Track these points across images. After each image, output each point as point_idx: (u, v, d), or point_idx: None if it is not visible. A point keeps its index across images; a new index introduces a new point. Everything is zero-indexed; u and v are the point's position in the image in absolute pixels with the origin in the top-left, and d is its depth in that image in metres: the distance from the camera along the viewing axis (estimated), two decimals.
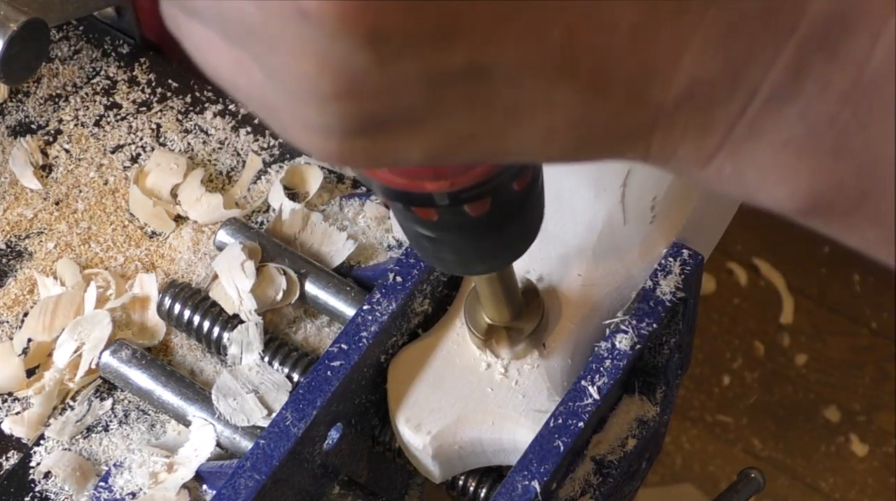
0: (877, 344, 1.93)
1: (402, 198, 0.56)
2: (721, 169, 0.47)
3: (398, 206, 0.59)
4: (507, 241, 0.66)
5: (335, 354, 0.80)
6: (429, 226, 0.62)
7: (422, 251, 0.66)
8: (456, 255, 0.65)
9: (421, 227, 0.62)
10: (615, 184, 0.81)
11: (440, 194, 0.56)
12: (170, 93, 1.01)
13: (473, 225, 0.61)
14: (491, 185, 0.56)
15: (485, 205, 0.58)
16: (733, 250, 1.98)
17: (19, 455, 0.87)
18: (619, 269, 0.82)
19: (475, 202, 0.58)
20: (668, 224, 0.82)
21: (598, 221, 0.82)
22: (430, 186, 0.55)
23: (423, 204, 0.57)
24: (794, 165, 0.46)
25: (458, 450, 0.81)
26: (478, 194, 0.57)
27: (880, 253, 0.49)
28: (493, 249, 0.66)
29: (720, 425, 1.88)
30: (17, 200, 0.96)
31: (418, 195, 0.56)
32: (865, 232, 0.49)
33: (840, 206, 0.47)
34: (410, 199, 0.56)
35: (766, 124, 0.46)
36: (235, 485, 0.77)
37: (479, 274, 0.73)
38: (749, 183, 0.48)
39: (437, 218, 0.59)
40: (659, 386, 0.87)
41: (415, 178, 0.54)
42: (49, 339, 0.89)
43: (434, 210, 0.58)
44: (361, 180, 0.57)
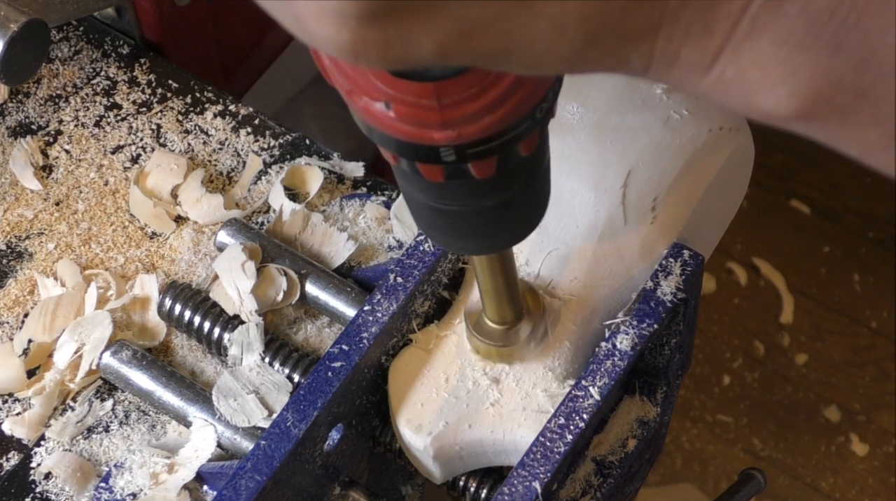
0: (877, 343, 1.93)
1: (408, 152, 0.56)
2: (723, 72, 0.48)
3: (403, 167, 0.59)
4: (510, 217, 0.66)
5: (336, 355, 0.80)
6: (434, 192, 0.62)
7: (425, 224, 0.66)
8: (459, 229, 0.65)
9: (426, 194, 0.62)
10: (616, 184, 0.81)
11: (447, 148, 0.56)
12: (170, 94, 1.01)
13: (478, 191, 0.61)
14: (498, 142, 0.56)
15: (490, 167, 0.58)
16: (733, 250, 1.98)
17: (20, 455, 0.87)
18: (620, 270, 0.82)
19: (481, 160, 0.58)
20: (669, 225, 0.82)
21: (599, 222, 0.82)
22: (436, 136, 0.54)
23: (428, 159, 0.57)
24: (795, 61, 0.47)
25: (459, 451, 0.81)
26: (484, 151, 0.57)
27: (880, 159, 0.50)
28: (497, 223, 0.65)
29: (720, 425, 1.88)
30: (17, 201, 0.96)
31: (424, 148, 0.56)
32: (865, 133, 0.49)
33: (839, 104, 0.48)
34: (416, 153, 0.56)
35: (767, 20, 0.46)
36: (236, 486, 0.77)
37: (480, 253, 0.73)
38: (750, 84, 0.48)
39: (443, 179, 0.59)
40: (660, 386, 0.87)
41: (422, 126, 0.54)
42: (49, 340, 0.89)
43: (440, 169, 0.58)
44: (366, 132, 0.56)
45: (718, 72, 0.48)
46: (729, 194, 0.89)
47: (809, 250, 1.99)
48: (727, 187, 0.87)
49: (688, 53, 0.48)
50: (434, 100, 0.53)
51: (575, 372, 0.82)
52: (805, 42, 0.46)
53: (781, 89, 0.48)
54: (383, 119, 0.54)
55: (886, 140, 0.48)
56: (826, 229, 2.00)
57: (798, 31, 0.46)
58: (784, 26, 0.46)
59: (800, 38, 0.46)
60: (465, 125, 0.54)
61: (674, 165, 0.82)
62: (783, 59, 0.47)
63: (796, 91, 0.48)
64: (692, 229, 0.84)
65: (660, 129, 0.82)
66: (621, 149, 0.82)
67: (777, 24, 0.46)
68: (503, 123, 0.55)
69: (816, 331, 1.94)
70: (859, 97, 0.47)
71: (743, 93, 0.49)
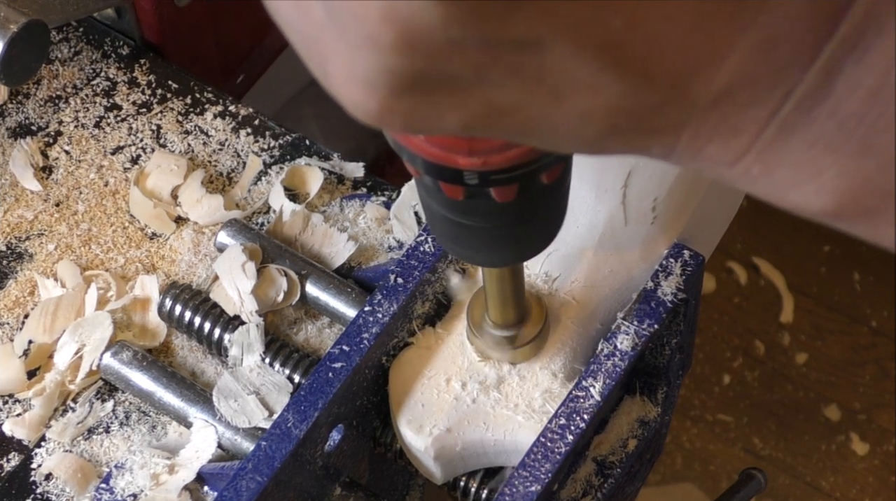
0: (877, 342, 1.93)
1: (433, 171, 0.57)
2: (749, 169, 0.48)
3: (425, 182, 0.60)
4: (526, 235, 0.66)
5: (336, 356, 0.80)
6: (453, 208, 0.62)
7: (441, 235, 0.66)
8: (474, 243, 0.65)
9: (445, 208, 0.63)
10: (616, 185, 0.81)
11: (470, 172, 0.56)
12: (170, 95, 1.01)
13: (497, 212, 0.62)
14: (521, 172, 0.57)
15: (511, 193, 0.59)
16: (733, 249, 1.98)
17: (20, 456, 0.87)
18: (621, 270, 0.82)
19: (503, 187, 0.58)
20: (670, 225, 0.82)
21: (600, 222, 0.82)
22: (462, 162, 0.55)
23: (452, 180, 0.57)
24: (822, 163, 0.47)
25: (460, 451, 0.81)
26: (507, 179, 0.57)
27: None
28: (512, 241, 0.66)
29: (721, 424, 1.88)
30: (17, 202, 0.96)
31: (449, 170, 0.56)
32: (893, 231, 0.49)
33: (866, 204, 0.48)
34: (441, 173, 0.57)
35: (796, 125, 0.46)
36: (237, 487, 0.77)
37: (493, 266, 0.73)
38: (777, 183, 0.48)
39: (463, 198, 0.59)
40: (660, 386, 0.87)
41: (449, 151, 0.55)
42: (50, 341, 0.89)
43: (461, 189, 0.58)
44: (395, 147, 0.57)
45: (744, 168, 0.48)
46: (729, 194, 0.89)
47: (809, 249, 1.99)
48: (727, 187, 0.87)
49: (713, 150, 0.48)
50: None
51: (575, 372, 0.82)
52: (833, 145, 0.46)
53: (809, 187, 0.48)
54: (412, 139, 0.55)
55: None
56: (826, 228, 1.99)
57: (826, 135, 0.46)
58: (813, 131, 0.46)
59: (828, 142, 0.46)
60: (492, 155, 0.55)
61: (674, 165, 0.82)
62: (811, 160, 0.47)
63: (822, 190, 0.48)
64: (692, 229, 0.84)
65: None
66: None
67: (805, 129, 0.46)
68: (529, 156, 0.56)
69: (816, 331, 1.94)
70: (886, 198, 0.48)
71: (770, 189, 0.49)
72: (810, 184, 0.48)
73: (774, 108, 0.46)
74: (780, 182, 0.48)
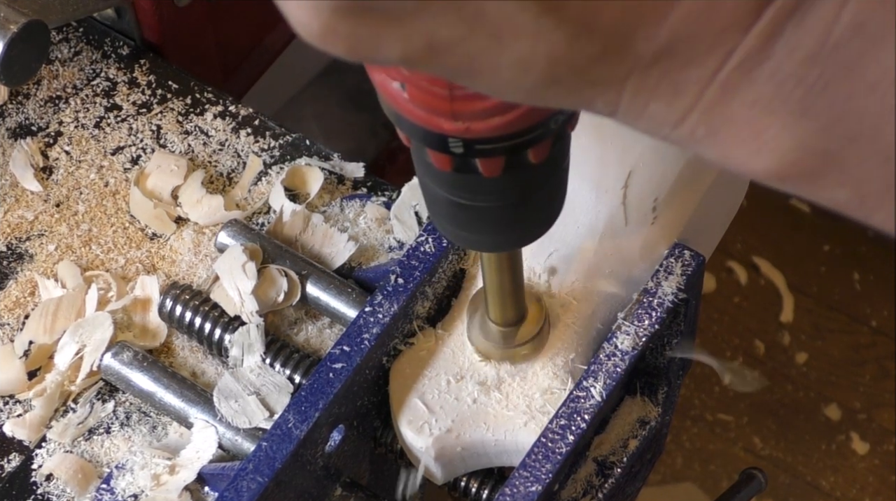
0: (877, 342, 1.93)
1: (419, 135, 0.58)
2: (694, 130, 0.49)
3: (416, 151, 0.60)
4: (520, 218, 0.66)
5: (337, 356, 0.80)
6: (444, 182, 0.62)
7: (436, 215, 0.66)
8: (468, 223, 0.66)
9: (437, 183, 0.63)
10: (616, 185, 0.81)
11: (455, 140, 0.57)
12: (170, 95, 1.01)
13: (487, 189, 0.62)
14: (506, 145, 0.57)
15: (497, 167, 0.59)
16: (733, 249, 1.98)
17: (21, 457, 0.87)
18: (621, 270, 0.82)
19: (488, 159, 0.58)
20: (670, 225, 0.82)
21: (600, 222, 0.82)
22: (446, 125, 0.56)
23: (437, 147, 0.58)
24: (763, 124, 0.48)
25: (461, 452, 0.81)
26: (491, 150, 0.58)
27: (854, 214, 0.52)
28: (506, 224, 0.66)
29: (721, 424, 1.88)
30: (17, 202, 0.96)
31: (433, 135, 0.57)
32: (835, 193, 0.50)
33: (806, 166, 0.49)
34: (426, 138, 0.58)
35: (738, 85, 0.47)
36: (238, 487, 0.77)
37: (488, 249, 0.73)
38: (722, 144, 0.49)
39: (451, 170, 0.60)
40: (660, 386, 0.87)
41: (434, 114, 0.55)
42: (50, 341, 0.89)
43: (448, 158, 0.59)
44: (389, 114, 0.58)
45: (689, 128, 0.49)
46: (729, 194, 0.89)
47: (809, 249, 1.99)
48: (728, 187, 0.87)
49: (656, 108, 0.49)
50: (446, 90, 0.54)
51: (576, 372, 0.82)
52: (773, 106, 0.47)
53: (751, 148, 0.49)
54: (398, 99, 0.56)
55: (857, 199, 0.50)
56: (826, 227, 2.00)
57: (767, 96, 0.47)
58: (754, 91, 0.47)
59: (769, 103, 0.47)
60: (475, 121, 0.55)
61: (674, 165, 0.82)
62: (752, 121, 0.48)
63: (764, 151, 0.49)
64: (693, 229, 0.84)
65: None
66: (622, 150, 0.82)
67: (746, 89, 0.47)
68: (512, 127, 0.56)
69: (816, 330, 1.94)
70: (825, 160, 0.49)
71: (716, 149, 0.50)
72: (752, 145, 0.49)
73: (716, 68, 0.47)
74: (725, 143, 0.49)
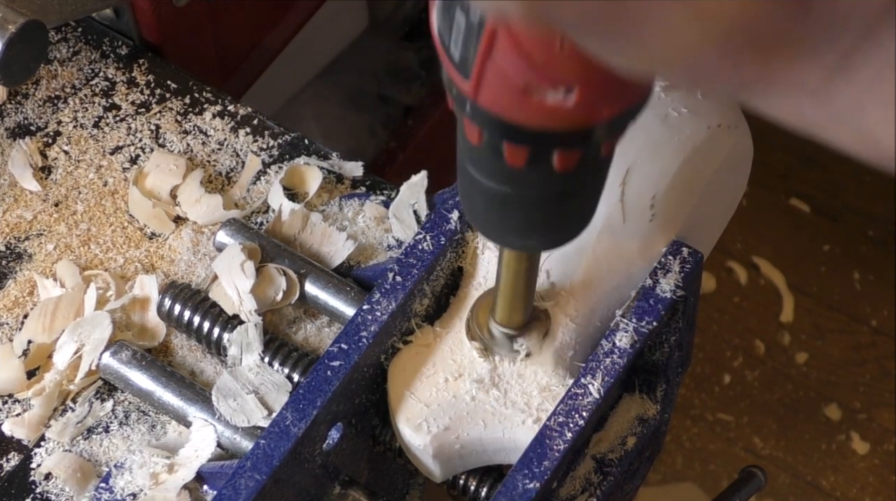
0: (877, 341, 1.93)
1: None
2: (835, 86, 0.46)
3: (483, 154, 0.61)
4: (569, 212, 0.67)
5: (335, 354, 0.80)
6: (509, 177, 0.63)
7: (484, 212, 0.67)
8: (518, 219, 0.66)
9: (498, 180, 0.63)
10: (615, 182, 0.81)
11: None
12: (169, 95, 1.01)
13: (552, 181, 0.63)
14: (585, 136, 0.58)
15: (573, 159, 0.60)
16: (733, 249, 1.98)
17: (20, 456, 0.87)
18: (619, 268, 0.82)
19: (567, 151, 0.59)
20: (668, 222, 0.82)
21: (598, 220, 0.82)
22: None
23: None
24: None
25: (459, 450, 0.81)
26: (572, 141, 0.59)
27: None
28: (556, 218, 0.67)
29: (721, 424, 1.88)
30: (16, 202, 0.96)
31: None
32: None
33: None
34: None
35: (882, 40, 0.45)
36: (236, 485, 0.77)
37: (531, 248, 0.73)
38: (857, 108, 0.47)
39: (525, 164, 0.60)
40: (659, 384, 0.87)
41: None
42: (49, 341, 0.89)
43: (525, 150, 0.59)
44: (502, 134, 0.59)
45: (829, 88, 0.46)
46: (728, 192, 0.89)
47: (809, 249, 1.99)
48: (726, 185, 0.87)
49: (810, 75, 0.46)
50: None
51: (574, 369, 0.82)
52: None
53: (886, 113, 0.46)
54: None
55: None
56: (826, 228, 2.00)
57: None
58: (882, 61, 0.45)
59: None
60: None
61: (672, 163, 0.82)
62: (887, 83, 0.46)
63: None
64: (691, 227, 0.84)
65: (658, 127, 0.82)
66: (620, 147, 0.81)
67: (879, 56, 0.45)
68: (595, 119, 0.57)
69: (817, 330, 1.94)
70: None
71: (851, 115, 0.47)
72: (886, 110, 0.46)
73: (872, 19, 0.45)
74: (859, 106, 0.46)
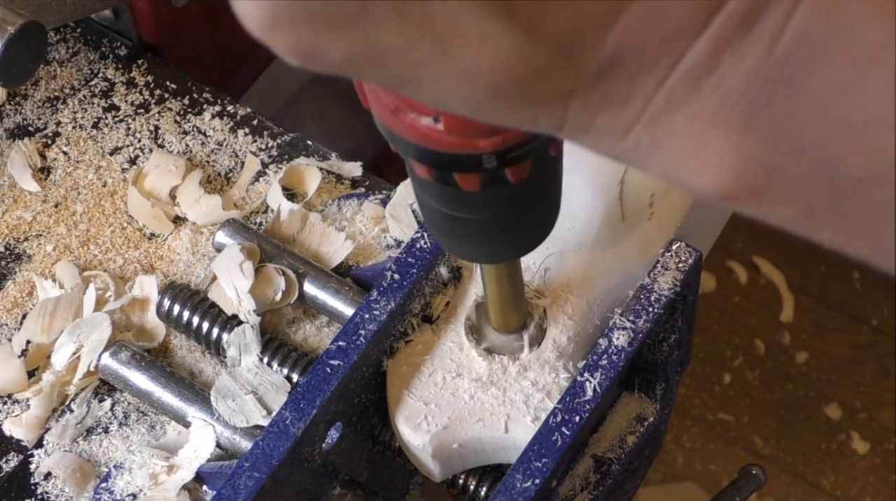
0: (877, 341, 1.93)
1: (450, 164, 0.58)
2: (639, 141, 0.48)
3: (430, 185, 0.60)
4: (533, 220, 0.67)
5: (334, 353, 0.80)
6: (466, 202, 0.63)
7: (447, 237, 0.67)
8: (483, 237, 0.66)
9: (455, 207, 0.63)
10: (613, 181, 0.81)
11: (489, 156, 0.57)
12: (168, 95, 1.01)
13: (511, 195, 0.62)
14: (533, 146, 0.58)
15: (525, 169, 0.59)
16: (733, 248, 1.98)
17: (19, 457, 0.87)
18: (618, 266, 0.82)
19: (518, 164, 0.59)
20: (667, 221, 0.82)
21: (597, 218, 0.82)
22: (483, 143, 0.56)
23: (469, 168, 0.58)
24: (706, 137, 0.47)
25: (458, 449, 0.81)
26: (522, 154, 0.58)
27: (803, 232, 0.51)
28: (520, 228, 0.67)
29: (721, 423, 1.88)
30: (15, 203, 0.96)
31: (466, 157, 0.57)
32: (780, 210, 0.49)
33: (749, 183, 0.48)
34: (457, 164, 0.57)
35: (683, 96, 0.47)
36: (235, 485, 0.77)
37: (501, 260, 0.73)
38: (667, 158, 0.48)
39: (480, 187, 0.60)
40: (658, 383, 0.87)
41: (470, 136, 0.55)
42: (48, 341, 0.89)
43: (478, 177, 0.59)
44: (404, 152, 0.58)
45: (634, 140, 0.48)
46: None
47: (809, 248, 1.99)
48: None
49: (602, 120, 0.48)
50: None
51: (573, 368, 0.82)
52: (717, 119, 0.46)
53: (695, 163, 0.48)
54: (430, 134, 0.55)
55: (803, 216, 0.49)
56: None
57: (711, 109, 0.46)
58: (699, 103, 0.46)
59: (713, 116, 0.46)
60: (508, 132, 0.56)
61: None
62: (696, 134, 0.47)
63: (707, 167, 0.47)
64: (690, 225, 0.84)
65: None
66: None
67: (692, 101, 0.46)
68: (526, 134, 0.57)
69: (817, 329, 1.94)
70: (768, 176, 0.47)
71: (661, 164, 0.49)
72: (695, 160, 0.47)
73: (662, 78, 0.46)
74: (669, 157, 0.48)
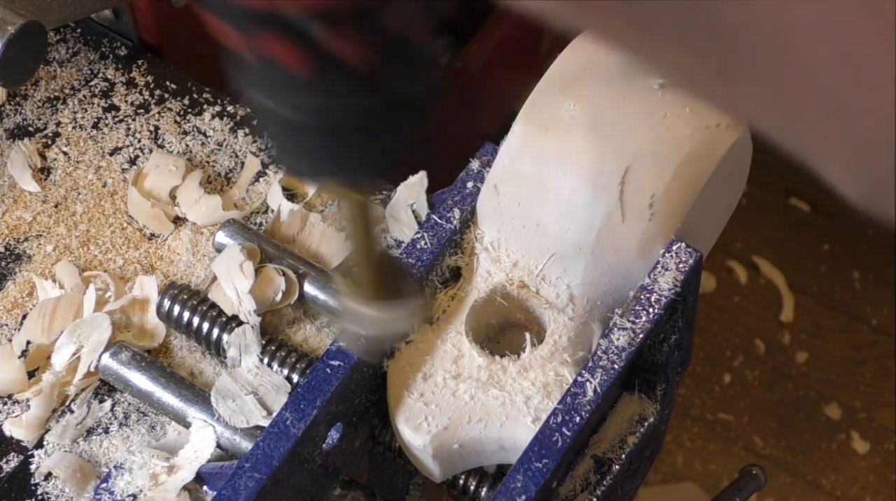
0: (877, 341, 1.93)
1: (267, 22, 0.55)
2: None
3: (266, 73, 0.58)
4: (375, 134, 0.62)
5: (334, 354, 0.80)
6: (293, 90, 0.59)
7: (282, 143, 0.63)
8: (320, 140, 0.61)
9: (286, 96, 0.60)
10: (614, 181, 0.81)
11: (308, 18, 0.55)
12: (168, 95, 1.01)
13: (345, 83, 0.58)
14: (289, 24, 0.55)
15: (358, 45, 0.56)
16: (733, 248, 1.98)
17: (20, 457, 0.87)
18: (618, 267, 0.82)
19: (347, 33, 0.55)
20: (667, 221, 0.82)
21: (597, 219, 0.82)
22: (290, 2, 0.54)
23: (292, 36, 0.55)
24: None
25: (458, 449, 0.81)
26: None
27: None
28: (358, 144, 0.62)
29: (721, 423, 1.88)
30: (15, 203, 0.96)
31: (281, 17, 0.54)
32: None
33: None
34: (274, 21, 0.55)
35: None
36: (236, 485, 0.77)
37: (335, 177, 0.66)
38: None
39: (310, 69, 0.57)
40: (659, 383, 0.87)
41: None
42: (48, 342, 0.89)
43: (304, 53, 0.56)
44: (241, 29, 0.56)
45: None
46: (727, 190, 0.89)
47: (809, 248, 1.99)
48: (725, 183, 0.87)
49: None
50: None
51: (573, 369, 0.82)
52: None
53: None
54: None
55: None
56: (826, 227, 2.00)
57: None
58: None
59: None
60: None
61: (671, 161, 0.82)
62: None
63: None
64: (690, 225, 0.84)
65: (657, 126, 0.82)
66: (618, 146, 0.82)
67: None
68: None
69: (817, 329, 1.94)
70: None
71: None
72: None
73: None
74: None
